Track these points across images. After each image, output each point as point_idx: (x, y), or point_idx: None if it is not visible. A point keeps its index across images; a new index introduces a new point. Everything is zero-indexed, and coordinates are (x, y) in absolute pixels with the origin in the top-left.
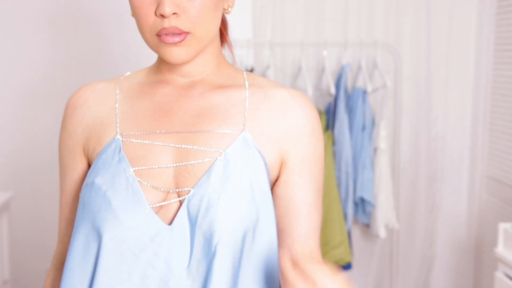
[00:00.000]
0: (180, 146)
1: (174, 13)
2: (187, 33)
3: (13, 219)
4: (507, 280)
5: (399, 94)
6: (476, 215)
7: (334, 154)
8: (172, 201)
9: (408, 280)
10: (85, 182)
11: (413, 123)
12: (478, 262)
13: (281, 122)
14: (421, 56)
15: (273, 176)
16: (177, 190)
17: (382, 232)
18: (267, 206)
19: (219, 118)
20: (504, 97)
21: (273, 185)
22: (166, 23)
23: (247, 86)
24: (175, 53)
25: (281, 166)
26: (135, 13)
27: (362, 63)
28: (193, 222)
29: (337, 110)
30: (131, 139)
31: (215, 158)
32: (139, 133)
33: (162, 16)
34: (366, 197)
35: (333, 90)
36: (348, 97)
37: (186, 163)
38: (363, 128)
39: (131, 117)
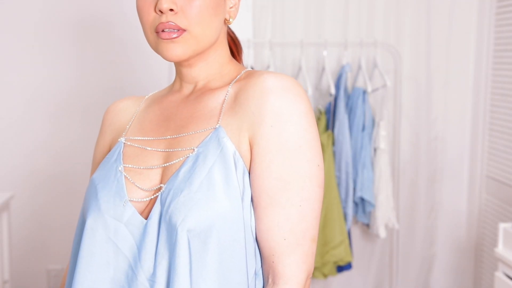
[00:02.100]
0: (166, 150)
1: (171, 10)
2: (184, 30)
3: (13, 219)
4: (507, 280)
5: (399, 94)
6: (476, 215)
7: (334, 154)
8: (147, 199)
9: (408, 280)
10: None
11: (413, 123)
12: (478, 262)
13: (250, 109)
14: (421, 56)
15: (248, 156)
16: (154, 188)
17: (382, 232)
18: (236, 199)
19: (202, 118)
20: (504, 97)
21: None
22: (164, 18)
23: (232, 83)
24: (171, 50)
25: (251, 146)
26: (138, 14)
27: (362, 63)
28: (161, 216)
29: (337, 110)
30: (132, 143)
31: (187, 156)
32: (139, 138)
33: (161, 12)
34: (366, 197)
35: (333, 90)
36: (348, 97)
37: (167, 164)
38: (363, 128)
39: (140, 123)
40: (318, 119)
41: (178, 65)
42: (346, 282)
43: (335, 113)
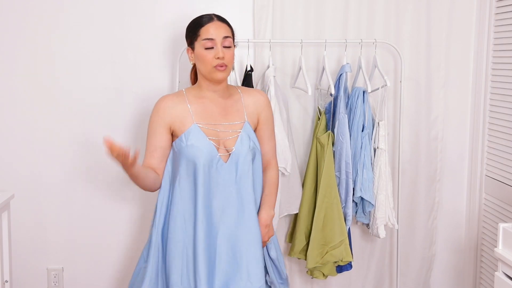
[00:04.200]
0: (220, 130)
1: (223, 57)
2: (226, 66)
3: (13, 219)
4: (507, 280)
5: (399, 94)
6: (476, 215)
7: (334, 154)
8: (223, 154)
9: (408, 280)
10: (186, 144)
11: (413, 123)
12: (478, 262)
13: (256, 104)
14: (421, 56)
15: (255, 125)
16: (226, 148)
17: (382, 232)
18: (257, 146)
19: (234, 113)
20: (503, 96)
21: (255, 128)
22: (220, 61)
23: (240, 93)
24: (221, 75)
25: (258, 121)
26: (201, 59)
27: (362, 63)
28: (236, 161)
29: (337, 110)
30: (202, 125)
31: (238, 135)
32: (203, 122)
33: (218, 58)
34: (366, 197)
35: (333, 90)
36: (348, 97)
37: (226, 138)
38: (363, 128)
39: (198, 113)
40: (318, 119)
41: (215, 83)
42: (346, 282)
43: (335, 113)
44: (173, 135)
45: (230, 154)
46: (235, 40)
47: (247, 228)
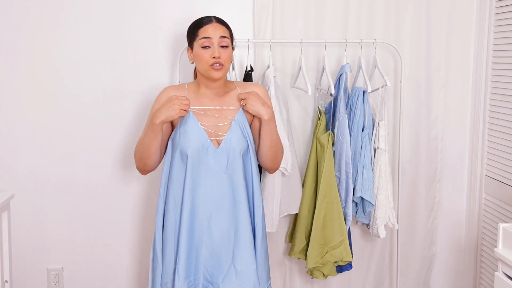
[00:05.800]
0: (216, 115)
1: (218, 57)
2: (222, 65)
3: (13, 219)
4: (507, 280)
5: (399, 94)
6: (476, 215)
7: (334, 154)
8: (216, 138)
9: (408, 280)
10: (179, 130)
11: (413, 123)
12: (478, 262)
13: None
14: (421, 56)
15: (251, 118)
16: (218, 134)
17: (382, 232)
18: (250, 138)
19: (228, 100)
20: (503, 96)
21: (251, 123)
22: (216, 60)
23: (237, 88)
24: (217, 74)
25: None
26: (198, 58)
27: (362, 63)
28: (227, 148)
29: (337, 110)
30: (194, 110)
31: (231, 121)
32: (197, 107)
33: (214, 57)
34: (366, 197)
35: (333, 90)
36: (348, 97)
37: (218, 124)
38: (363, 128)
39: (195, 102)
40: (318, 119)
41: (212, 81)
42: (346, 282)
43: (335, 113)
44: (172, 125)
45: (221, 140)
46: (233, 42)
47: (237, 214)
